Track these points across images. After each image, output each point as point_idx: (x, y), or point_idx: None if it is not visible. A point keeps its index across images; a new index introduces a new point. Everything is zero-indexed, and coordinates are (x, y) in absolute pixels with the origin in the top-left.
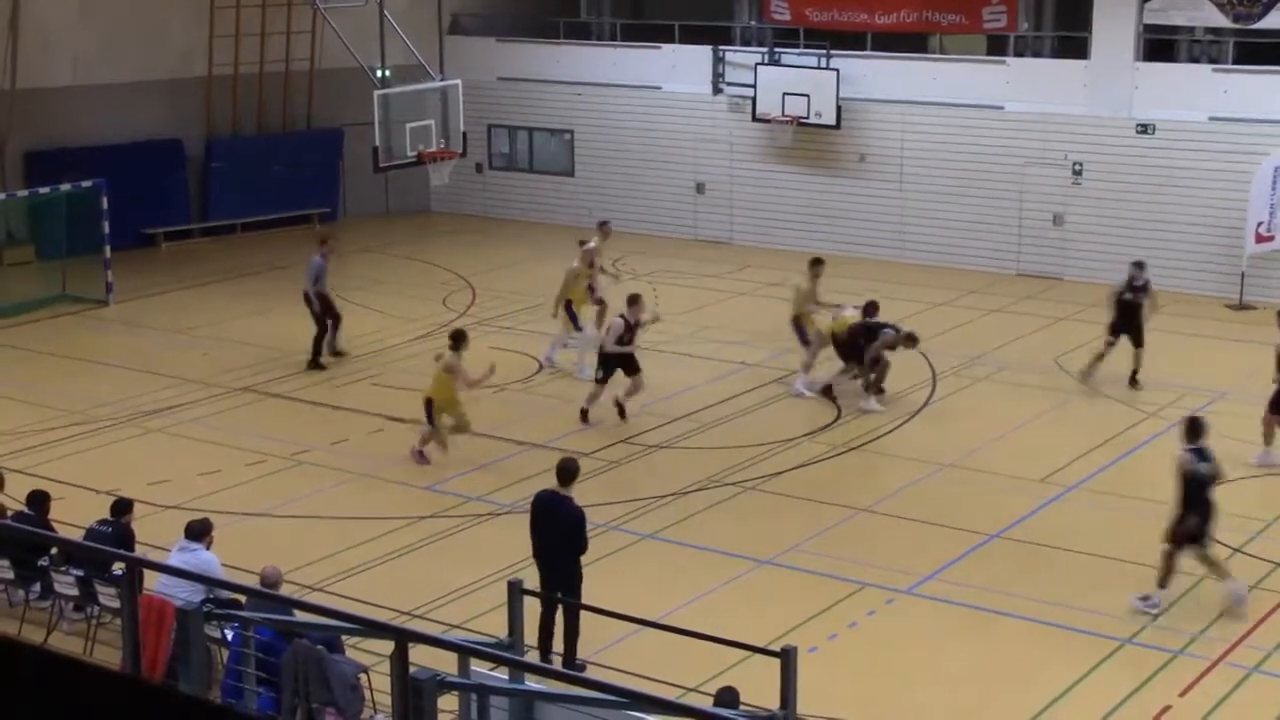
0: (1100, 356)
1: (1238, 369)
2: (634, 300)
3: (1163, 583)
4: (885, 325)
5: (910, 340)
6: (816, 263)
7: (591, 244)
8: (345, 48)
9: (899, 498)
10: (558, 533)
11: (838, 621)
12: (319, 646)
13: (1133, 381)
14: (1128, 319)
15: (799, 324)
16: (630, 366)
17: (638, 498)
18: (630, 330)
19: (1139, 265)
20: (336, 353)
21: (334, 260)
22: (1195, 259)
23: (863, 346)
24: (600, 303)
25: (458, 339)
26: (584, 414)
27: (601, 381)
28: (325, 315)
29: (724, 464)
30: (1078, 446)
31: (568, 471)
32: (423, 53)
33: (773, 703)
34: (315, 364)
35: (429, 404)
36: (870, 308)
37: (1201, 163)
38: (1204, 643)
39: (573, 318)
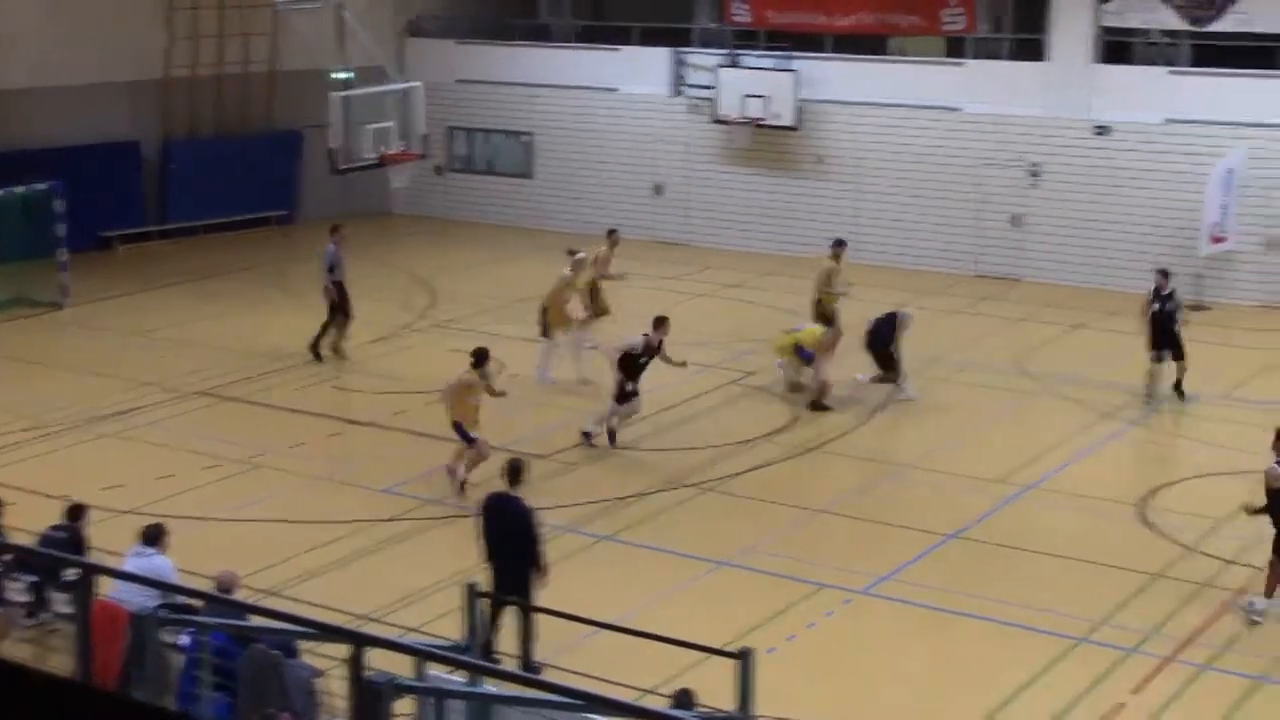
0: (1152, 375)
1: (1193, 369)
2: (661, 322)
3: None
4: (895, 312)
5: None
6: (839, 244)
7: (582, 254)
8: (304, 50)
9: (856, 499)
10: (509, 533)
11: (796, 623)
12: (275, 651)
13: (1178, 391)
14: (1163, 332)
15: (819, 307)
16: (628, 393)
17: (596, 499)
18: (651, 352)
19: (1164, 274)
20: (336, 351)
21: (289, 265)
22: (1151, 259)
23: (888, 338)
24: (599, 310)
25: (480, 357)
26: (611, 435)
27: (633, 394)
28: (340, 306)
29: (682, 466)
30: (1035, 447)
31: (516, 471)
32: (382, 55)
33: (731, 704)
34: (316, 355)
35: (458, 427)
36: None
37: (1157, 164)
38: (1157, 640)
39: (543, 327)
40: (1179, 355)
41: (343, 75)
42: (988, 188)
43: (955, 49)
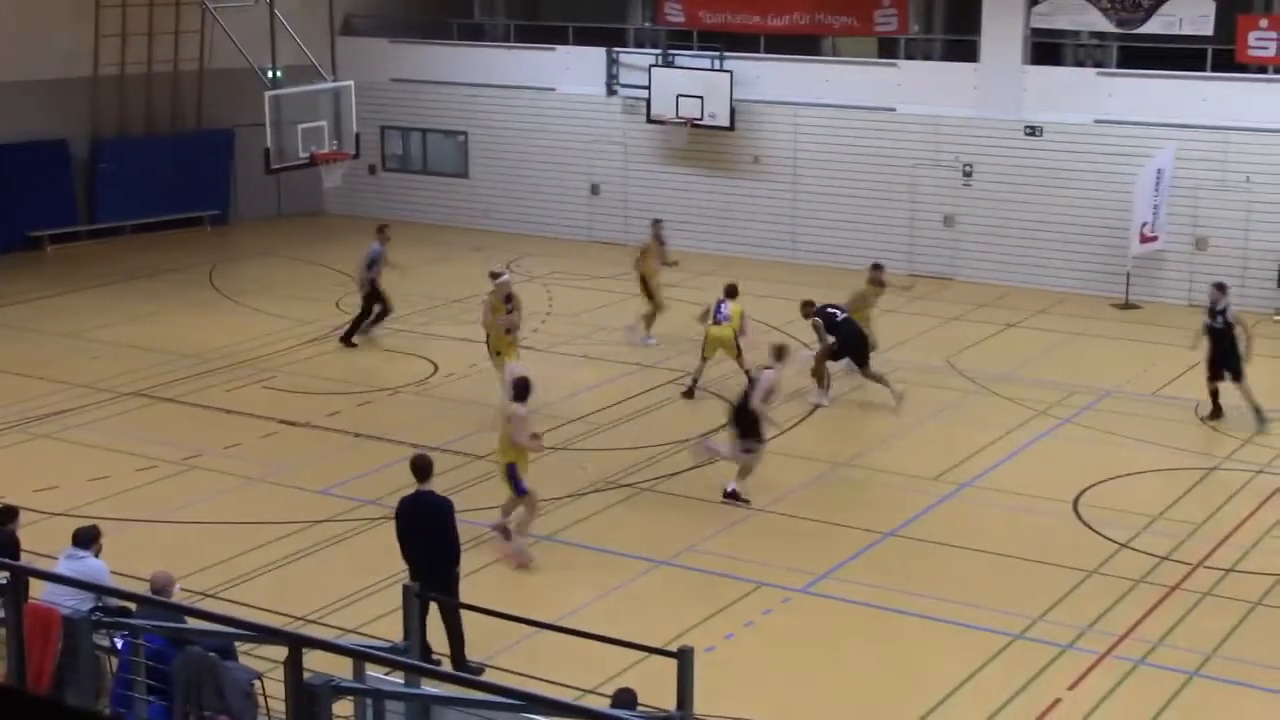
0: (1214, 394)
1: (1125, 367)
2: (782, 352)
3: None
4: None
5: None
6: (876, 267)
7: (505, 275)
8: (235, 48)
9: (794, 498)
10: (429, 530)
11: (734, 621)
12: (211, 654)
13: (1257, 415)
14: (1221, 349)
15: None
16: (754, 431)
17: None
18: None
19: (1220, 288)
20: (369, 338)
21: (222, 265)
22: (1082, 259)
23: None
24: (656, 304)
25: (521, 388)
26: (734, 495)
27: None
28: (375, 300)
29: (619, 465)
30: (970, 445)
31: (424, 468)
32: (315, 53)
33: (670, 703)
34: (348, 341)
35: (511, 470)
36: (732, 289)
37: (1088, 164)
38: (1092, 637)
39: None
40: (1237, 376)
41: (276, 74)
42: (921, 187)
43: (888, 50)
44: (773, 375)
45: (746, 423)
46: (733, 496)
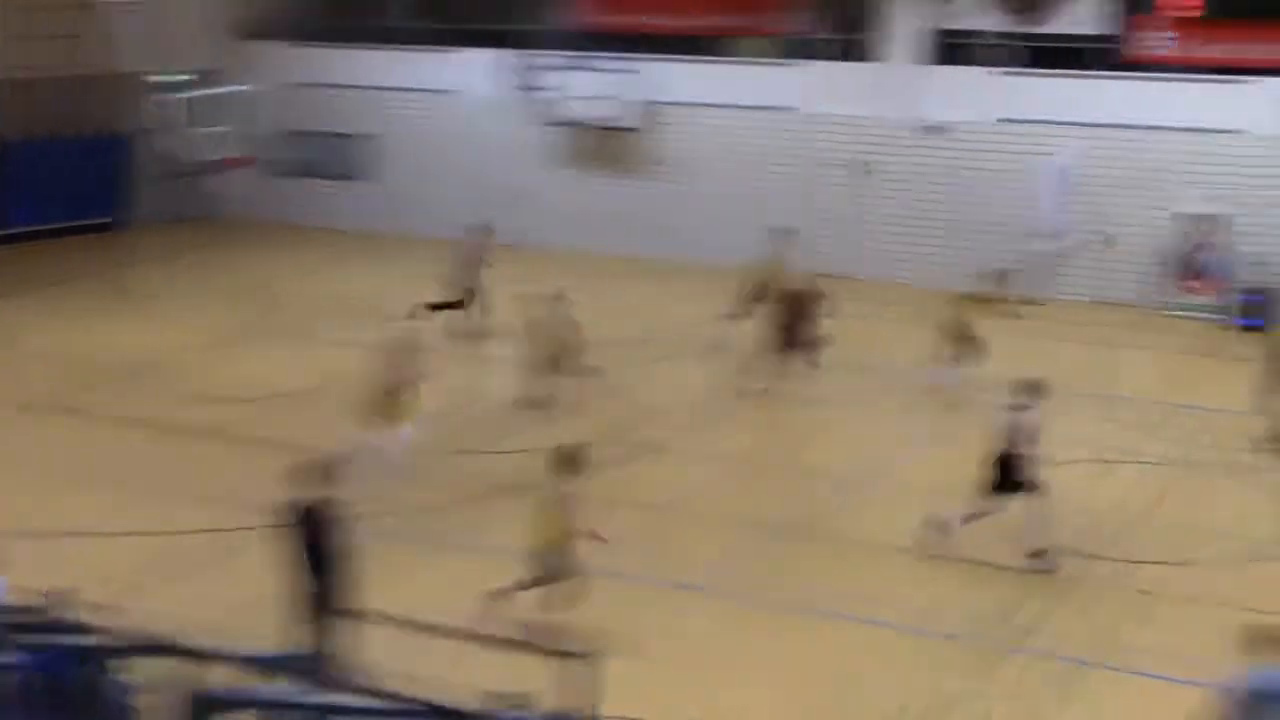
0: None
1: (1052, 367)
2: (1038, 387)
3: None
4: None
5: None
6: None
7: (408, 324)
8: (138, 51)
9: (705, 496)
10: (317, 537)
11: (648, 624)
12: (98, 668)
13: None
14: None
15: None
16: (1020, 479)
17: (426, 507)
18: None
19: None
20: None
21: (126, 271)
22: (986, 258)
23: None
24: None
25: (572, 462)
26: (1039, 553)
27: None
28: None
29: (516, 467)
30: (881, 442)
31: (317, 474)
32: (217, 57)
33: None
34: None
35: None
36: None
37: (990, 163)
38: (1008, 633)
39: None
40: None
41: (179, 78)
42: (824, 187)
43: (792, 51)
44: (1036, 415)
45: (1010, 474)
46: (1037, 555)
